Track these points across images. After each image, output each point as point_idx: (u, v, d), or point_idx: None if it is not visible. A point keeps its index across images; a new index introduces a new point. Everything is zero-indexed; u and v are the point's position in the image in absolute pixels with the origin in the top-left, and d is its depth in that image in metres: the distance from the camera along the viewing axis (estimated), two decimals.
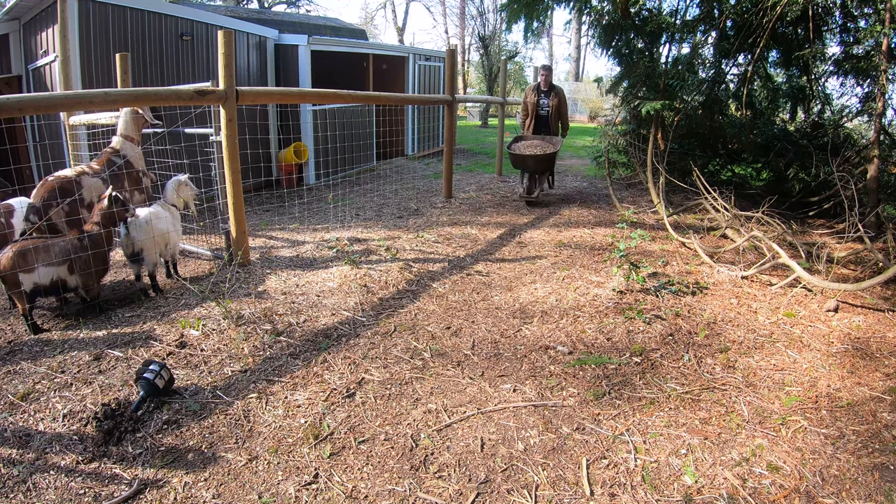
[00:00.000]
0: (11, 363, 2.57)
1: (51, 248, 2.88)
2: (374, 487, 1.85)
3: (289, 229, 5.07)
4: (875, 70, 5.05)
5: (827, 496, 1.83)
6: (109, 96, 3.13)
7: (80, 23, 5.07)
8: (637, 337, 2.94)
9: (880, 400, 2.38)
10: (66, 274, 2.92)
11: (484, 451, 2.04)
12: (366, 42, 10.10)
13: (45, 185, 3.40)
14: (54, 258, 2.87)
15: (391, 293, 3.49)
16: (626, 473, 1.93)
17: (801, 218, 5.54)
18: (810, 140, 6.01)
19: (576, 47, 24.89)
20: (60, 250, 2.90)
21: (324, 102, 7.27)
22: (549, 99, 6.60)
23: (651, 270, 3.84)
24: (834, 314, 3.25)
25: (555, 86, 6.65)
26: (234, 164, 3.62)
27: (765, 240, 3.85)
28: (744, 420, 2.24)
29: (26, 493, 1.79)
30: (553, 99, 6.56)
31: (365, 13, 32.82)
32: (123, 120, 3.88)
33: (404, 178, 7.94)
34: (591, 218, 5.67)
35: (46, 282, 2.86)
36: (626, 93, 6.92)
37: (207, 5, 13.16)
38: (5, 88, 6.00)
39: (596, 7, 6.55)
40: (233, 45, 3.50)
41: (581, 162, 9.84)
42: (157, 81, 5.86)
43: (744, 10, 5.57)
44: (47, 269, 2.85)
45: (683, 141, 6.83)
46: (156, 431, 2.11)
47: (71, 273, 2.94)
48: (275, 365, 2.60)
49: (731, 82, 6.68)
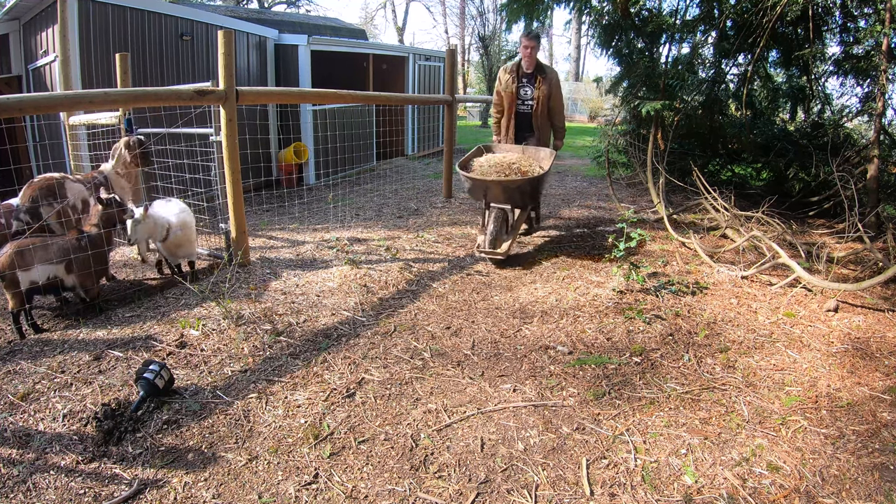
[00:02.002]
0: (11, 363, 2.57)
1: (50, 247, 2.88)
2: (374, 487, 1.85)
3: (289, 229, 5.07)
4: (875, 70, 5.05)
5: (827, 496, 1.83)
6: (109, 96, 3.13)
7: (80, 23, 5.07)
8: (637, 337, 2.94)
9: (880, 400, 2.38)
10: (63, 273, 2.92)
11: (484, 451, 2.04)
12: (366, 42, 10.11)
13: (32, 185, 3.40)
14: (53, 257, 2.87)
15: (391, 293, 3.49)
16: (626, 473, 1.93)
17: (801, 218, 5.53)
18: (810, 140, 6.01)
19: (576, 47, 24.88)
20: (59, 249, 2.91)
21: (324, 102, 7.27)
22: (534, 87, 4.48)
23: (651, 270, 3.84)
24: (834, 314, 3.25)
25: (544, 66, 4.57)
26: (234, 164, 3.62)
27: (765, 240, 3.85)
28: (744, 420, 2.24)
29: (26, 493, 1.79)
30: (541, 86, 4.44)
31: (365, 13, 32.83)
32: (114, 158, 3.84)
33: (404, 178, 7.93)
34: (591, 218, 5.67)
35: (43, 280, 2.86)
36: (626, 93, 6.91)
37: (207, 5, 13.15)
38: (5, 88, 6.00)
39: (596, 7, 6.54)
40: (233, 45, 3.51)
41: (581, 162, 9.84)
42: (157, 81, 5.86)
43: (744, 10, 5.56)
44: (45, 267, 2.85)
45: (683, 141, 6.82)
46: (156, 431, 2.11)
47: (69, 273, 2.94)
48: (275, 365, 2.60)
49: (731, 82, 6.68)
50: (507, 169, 4.04)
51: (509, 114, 4.64)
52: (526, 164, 4.12)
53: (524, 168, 4.07)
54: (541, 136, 4.66)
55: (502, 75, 4.63)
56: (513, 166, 4.06)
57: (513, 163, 4.11)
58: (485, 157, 4.31)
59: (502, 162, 4.11)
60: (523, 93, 4.57)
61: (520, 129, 4.69)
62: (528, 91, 4.53)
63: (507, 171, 4.03)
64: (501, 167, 4.06)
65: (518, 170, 4.04)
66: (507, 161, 4.12)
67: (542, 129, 4.67)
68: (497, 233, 4.01)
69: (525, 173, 4.02)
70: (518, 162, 4.13)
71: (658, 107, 5.79)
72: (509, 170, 4.03)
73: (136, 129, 4.19)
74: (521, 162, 4.14)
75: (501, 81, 4.61)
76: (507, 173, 4.00)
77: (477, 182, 3.95)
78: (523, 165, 4.10)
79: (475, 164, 4.23)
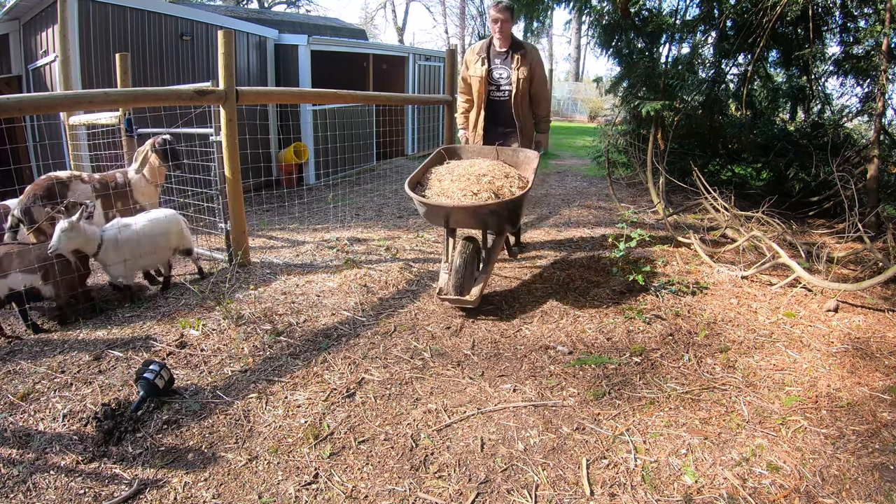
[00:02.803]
0: (11, 363, 2.57)
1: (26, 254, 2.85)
2: (374, 487, 1.85)
3: (289, 229, 5.07)
4: (875, 70, 5.05)
5: (827, 496, 1.83)
6: (109, 96, 3.13)
7: (80, 23, 5.07)
8: (637, 337, 2.94)
9: (880, 400, 2.38)
10: (37, 281, 2.88)
11: (484, 451, 2.04)
12: (366, 42, 10.11)
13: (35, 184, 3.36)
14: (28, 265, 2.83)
15: (391, 293, 3.49)
16: (626, 473, 1.93)
17: (801, 218, 5.54)
18: (810, 140, 6.01)
19: (576, 47, 24.90)
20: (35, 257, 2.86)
21: (324, 102, 7.27)
22: (510, 67, 3.61)
23: (651, 270, 3.84)
24: (834, 314, 3.25)
25: (522, 43, 3.68)
26: (234, 164, 3.62)
27: (765, 240, 3.85)
28: (744, 420, 2.24)
29: (26, 493, 1.79)
30: (520, 66, 3.58)
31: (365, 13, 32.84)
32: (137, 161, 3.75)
33: (404, 177, 7.88)
34: (591, 218, 5.67)
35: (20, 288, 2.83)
36: (626, 93, 6.91)
37: (207, 5, 13.16)
38: (5, 88, 6.00)
39: (596, 7, 6.54)
40: (233, 45, 3.51)
41: (581, 162, 9.84)
42: (157, 81, 5.87)
43: (744, 10, 5.57)
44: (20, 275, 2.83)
45: (683, 141, 6.82)
46: (156, 431, 2.11)
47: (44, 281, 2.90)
48: (275, 365, 2.60)
49: (731, 82, 6.68)
50: (475, 184, 3.05)
51: (480, 104, 3.69)
52: (501, 176, 3.16)
53: (498, 182, 3.09)
54: (523, 131, 3.77)
55: (469, 56, 3.74)
56: (483, 179, 3.09)
57: (483, 174, 3.14)
58: (446, 167, 3.39)
59: (469, 174, 3.16)
60: (497, 76, 3.64)
61: (494, 123, 3.77)
62: (504, 73, 3.63)
63: (475, 186, 3.03)
64: (468, 181, 3.08)
65: (491, 184, 3.05)
66: (475, 172, 3.17)
67: (525, 122, 3.76)
68: (464, 270, 3.06)
69: (499, 190, 3.04)
70: (490, 173, 3.15)
71: (658, 107, 5.80)
72: (479, 185, 3.04)
73: (136, 129, 4.19)
74: (494, 172, 3.17)
75: (469, 65, 3.72)
76: (476, 190, 3.00)
77: (432, 207, 2.97)
78: (497, 178, 3.13)
79: (432, 177, 3.27)
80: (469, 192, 3.02)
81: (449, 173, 3.28)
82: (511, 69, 3.61)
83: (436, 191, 3.15)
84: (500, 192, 3.05)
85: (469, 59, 3.78)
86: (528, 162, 3.48)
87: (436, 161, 3.53)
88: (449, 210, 2.97)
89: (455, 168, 3.34)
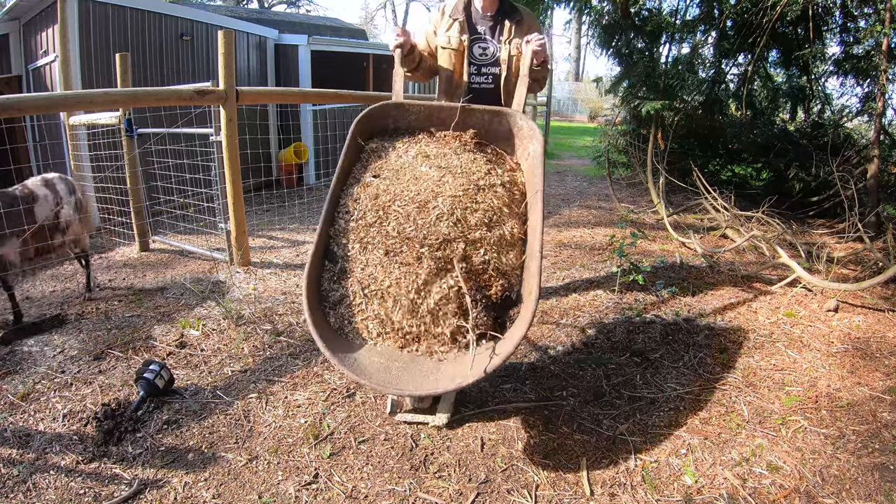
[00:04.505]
0: (11, 363, 2.57)
1: None
2: (374, 487, 1.85)
3: (289, 229, 5.07)
4: (875, 70, 5.05)
5: (827, 496, 1.83)
6: (110, 96, 3.13)
7: (80, 23, 5.07)
8: (637, 337, 2.94)
9: (880, 400, 2.38)
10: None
11: (484, 451, 2.04)
12: (366, 42, 10.10)
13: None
14: None
15: None
16: (626, 473, 1.93)
17: (801, 218, 5.54)
18: (810, 140, 6.02)
19: (576, 47, 24.91)
20: None
21: (324, 102, 7.27)
22: (498, 41, 2.42)
23: (651, 270, 3.84)
24: (834, 314, 3.25)
25: (516, 7, 2.45)
26: (234, 164, 3.62)
27: (765, 240, 3.85)
28: (744, 420, 2.24)
29: (26, 493, 1.79)
30: (512, 40, 2.38)
31: (365, 13, 32.86)
32: None
33: None
34: (591, 218, 5.67)
35: None
36: (626, 93, 6.91)
37: (207, 5, 13.16)
38: (5, 88, 6.00)
39: (596, 7, 6.54)
40: (233, 45, 3.51)
41: (581, 162, 9.84)
42: (157, 81, 5.86)
43: (744, 10, 5.57)
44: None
45: (683, 141, 6.82)
46: (156, 431, 2.11)
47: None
48: (275, 365, 2.60)
49: (731, 82, 6.68)
50: (433, 231, 1.81)
51: (451, 92, 2.49)
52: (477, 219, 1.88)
53: (471, 245, 1.82)
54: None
55: (435, 16, 2.51)
56: (436, 248, 1.79)
57: (438, 215, 1.84)
58: (367, 196, 1.98)
59: (404, 227, 1.83)
60: (479, 52, 2.45)
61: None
62: (490, 48, 2.44)
63: (428, 301, 1.78)
64: (408, 284, 1.78)
65: (452, 266, 1.75)
66: (420, 216, 1.85)
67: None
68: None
69: (479, 271, 1.80)
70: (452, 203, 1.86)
71: (658, 107, 5.80)
72: (433, 293, 1.79)
73: (136, 129, 4.19)
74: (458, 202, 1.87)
75: (437, 28, 2.48)
76: (427, 326, 1.79)
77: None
78: (469, 224, 1.85)
79: (338, 252, 1.93)
80: (433, 250, 1.70)
81: (367, 231, 1.88)
82: (500, 44, 2.42)
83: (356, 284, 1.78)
84: (482, 278, 1.76)
85: (435, 20, 2.50)
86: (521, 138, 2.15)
87: (351, 166, 2.14)
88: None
89: (384, 204, 1.90)
